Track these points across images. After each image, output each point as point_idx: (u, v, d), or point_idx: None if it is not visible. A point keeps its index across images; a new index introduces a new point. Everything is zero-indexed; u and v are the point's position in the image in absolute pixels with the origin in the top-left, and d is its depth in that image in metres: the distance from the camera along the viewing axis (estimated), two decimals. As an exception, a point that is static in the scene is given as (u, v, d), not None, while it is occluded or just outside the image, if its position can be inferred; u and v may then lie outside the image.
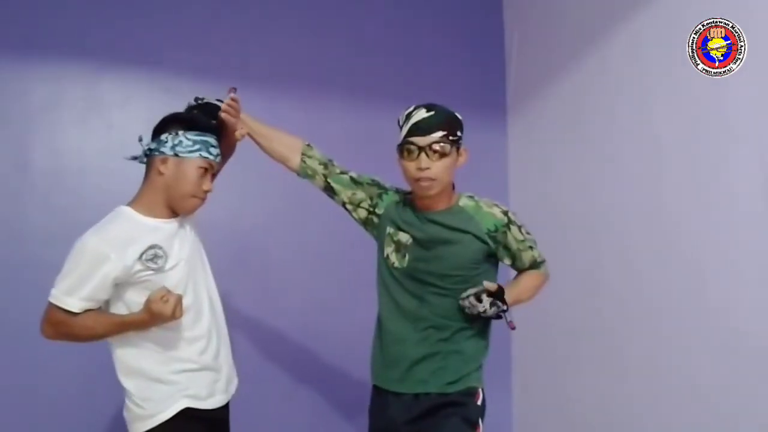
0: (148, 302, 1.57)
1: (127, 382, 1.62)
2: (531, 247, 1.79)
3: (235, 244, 2.54)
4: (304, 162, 1.86)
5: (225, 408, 1.76)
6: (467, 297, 1.65)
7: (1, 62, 2.34)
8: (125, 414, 1.65)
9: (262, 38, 2.71)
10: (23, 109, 2.35)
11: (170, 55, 2.55)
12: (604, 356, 2.49)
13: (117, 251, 1.55)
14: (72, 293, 1.54)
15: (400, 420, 1.69)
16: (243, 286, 2.56)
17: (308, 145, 1.90)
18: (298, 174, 1.89)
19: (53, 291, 1.57)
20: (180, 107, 1.79)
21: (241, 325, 2.56)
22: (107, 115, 2.45)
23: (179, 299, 1.58)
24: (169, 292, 1.58)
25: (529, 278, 1.83)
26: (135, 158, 1.74)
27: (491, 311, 1.62)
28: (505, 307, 1.64)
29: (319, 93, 2.78)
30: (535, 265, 1.83)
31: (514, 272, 1.89)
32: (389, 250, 1.77)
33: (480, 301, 1.62)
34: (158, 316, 1.56)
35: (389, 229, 1.78)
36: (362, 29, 2.90)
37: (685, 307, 2.13)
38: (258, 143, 1.89)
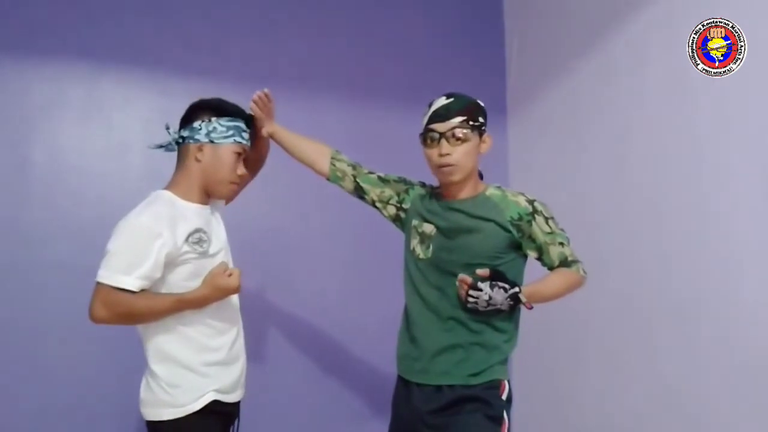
0: (211, 277, 1.60)
1: (156, 366, 1.60)
2: (561, 243, 1.71)
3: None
4: (334, 165, 1.92)
5: (239, 403, 1.77)
6: (465, 296, 1.60)
7: (1, 62, 2.34)
8: (144, 395, 1.63)
9: (262, 38, 2.71)
10: (23, 108, 2.35)
11: (170, 56, 2.55)
12: (604, 358, 2.49)
13: (168, 229, 1.56)
14: (129, 272, 1.52)
15: (424, 409, 1.69)
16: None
17: (337, 150, 1.96)
18: (328, 178, 1.94)
19: (103, 272, 1.53)
20: (180, 108, 1.78)
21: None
22: (107, 115, 2.46)
23: (240, 273, 1.63)
24: (228, 267, 1.63)
25: (556, 275, 1.73)
26: (161, 146, 1.75)
27: (499, 296, 1.58)
28: (516, 289, 1.60)
29: (319, 93, 2.78)
30: (566, 263, 1.73)
31: (544, 271, 1.79)
32: (415, 242, 1.78)
33: (480, 290, 1.58)
34: (224, 290, 1.60)
35: (414, 222, 1.80)
36: (362, 29, 2.90)
37: (686, 308, 2.13)
38: (286, 147, 1.95)
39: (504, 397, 1.69)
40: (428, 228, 1.75)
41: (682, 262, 2.14)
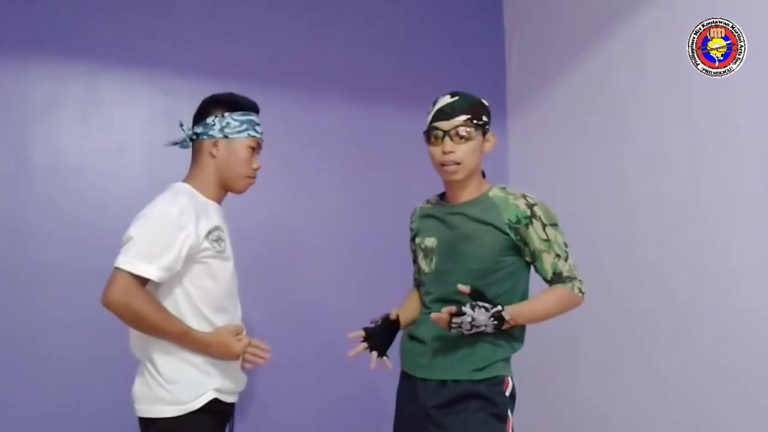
0: (223, 330, 1.61)
1: (159, 359, 1.58)
2: (558, 256, 1.67)
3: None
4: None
5: (234, 404, 1.76)
6: (448, 325, 1.56)
7: (1, 62, 2.34)
8: (140, 390, 1.60)
9: (262, 38, 2.71)
10: (23, 108, 2.35)
11: (170, 55, 2.54)
12: (603, 358, 2.49)
13: (192, 222, 1.55)
14: (152, 260, 1.49)
15: (429, 404, 1.68)
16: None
17: (415, 286, 1.92)
18: None
19: (124, 258, 1.48)
20: (180, 107, 1.79)
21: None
22: (107, 115, 2.45)
23: (249, 343, 1.66)
24: (243, 330, 1.66)
25: (547, 292, 1.69)
26: (176, 144, 1.74)
27: (482, 317, 1.54)
28: (499, 308, 1.56)
29: (319, 93, 2.78)
30: (561, 278, 1.67)
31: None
32: (420, 257, 1.80)
33: (463, 314, 1.54)
34: (226, 348, 1.60)
35: (417, 240, 1.82)
36: (362, 29, 2.90)
37: (685, 308, 2.13)
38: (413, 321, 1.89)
39: (508, 393, 1.69)
40: (430, 241, 1.76)
41: (682, 262, 2.14)
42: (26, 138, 2.35)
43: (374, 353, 1.80)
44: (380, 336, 1.81)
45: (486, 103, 1.75)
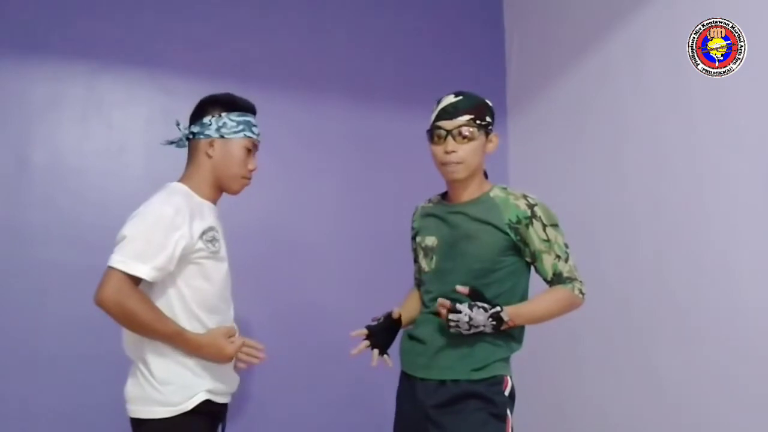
0: (215, 332, 1.61)
1: (152, 360, 1.57)
2: (558, 257, 1.67)
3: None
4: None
5: (227, 405, 1.76)
6: (447, 320, 1.57)
7: (1, 62, 2.34)
8: (132, 391, 1.60)
9: (262, 38, 2.71)
10: (23, 108, 2.35)
11: (170, 55, 2.55)
12: (603, 358, 2.49)
13: (187, 222, 1.56)
14: (146, 260, 1.49)
15: (428, 404, 1.69)
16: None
17: (416, 286, 1.92)
18: None
19: (118, 257, 1.49)
20: (180, 107, 1.79)
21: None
22: (107, 115, 2.45)
23: (242, 344, 1.65)
24: (236, 333, 1.66)
25: (547, 293, 1.69)
26: (172, 143, 1.74)
27: (480, 317, 1.55)
28: (498, 308, 1.57)
29: (319, 93, 2.78)
30: (561, 279, 1.68)
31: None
32: (420, 256, 1.80)
33: (459, 312, 1.55)
34: (218, 350, 1.60)
35: (418, 239, 1.82)
36: (362, 29, 2.90)
37: (684, 308, 2.13)
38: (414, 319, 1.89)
39: (507, 393, 1.69)
40: (430, 240, 1.77)
41: (682, 262, 2.14)
42: (26, 138, 2.35)
43: (375, 351, 1.80)
44: (382, 334, 1.82)
45: (490, 104, 1.75)
